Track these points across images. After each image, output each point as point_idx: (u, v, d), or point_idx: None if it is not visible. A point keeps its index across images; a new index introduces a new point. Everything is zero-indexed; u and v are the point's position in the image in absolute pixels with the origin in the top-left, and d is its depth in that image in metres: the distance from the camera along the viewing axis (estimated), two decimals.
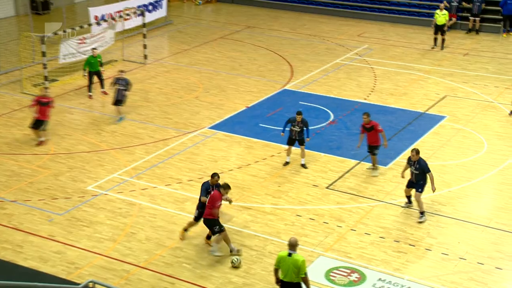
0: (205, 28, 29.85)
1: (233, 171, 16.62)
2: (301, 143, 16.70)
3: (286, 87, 22.58)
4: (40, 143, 17.87)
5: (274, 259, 11.11)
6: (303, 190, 15.70)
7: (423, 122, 19.74)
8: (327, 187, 15.90)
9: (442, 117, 20.00)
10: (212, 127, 19.29)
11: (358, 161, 17.12)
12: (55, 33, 22.19)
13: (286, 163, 16.87)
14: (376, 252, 13.27)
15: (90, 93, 21.34)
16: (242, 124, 19.57)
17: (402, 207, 14.81)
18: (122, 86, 19.41)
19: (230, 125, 19.39)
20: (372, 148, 16.32)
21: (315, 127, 19.08)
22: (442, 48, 26.49)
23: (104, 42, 23.66)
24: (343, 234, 13.92)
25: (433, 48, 26.66)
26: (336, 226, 14.21)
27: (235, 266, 12.70)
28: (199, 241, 13.54)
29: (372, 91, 22.21)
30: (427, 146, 18.03)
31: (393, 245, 13.54)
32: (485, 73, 23.89)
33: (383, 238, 13.80)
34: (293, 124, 16.51)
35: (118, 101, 19.45)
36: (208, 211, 12.71)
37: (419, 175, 14.11)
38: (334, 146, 18.11)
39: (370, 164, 16.58)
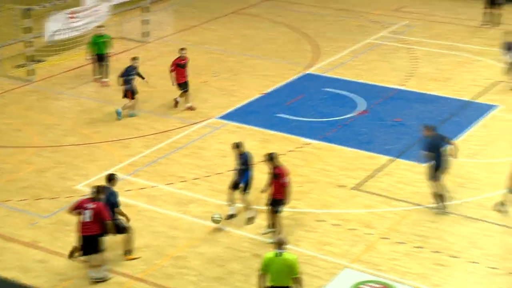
0: (216, 1, 29.92)
1: None
2: (236, 186, 14.49)
3: (309, 71, 22.60)
4: (190, 108, 19.69)
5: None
6: (327, 191, 15.74)
7: (470, 112, 19.64)
8: (354, 188, 15.93)
9: (492, 107, 19.88)
10: (221, 117, 19.38)
11: (393, 158, 17.11)
12: (42, 5, 22.39)
13: (231, 216, 14.64)
14: (411, 265, 13.28)
15: (97, 77, 21.45)
16: (257, 113, 19.65)
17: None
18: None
19: (243, 115, 19.48)
20: (276, 203, 13.75)
21: (341, 118, 19.06)
22: (496, 24, 26.24)
23: (98, 17, 23.82)
24: (373, 243, 13.93)
25: (485, 24, 26.43)
26: (365, 234, 14.22)
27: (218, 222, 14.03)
28: (205, 249, 13.68)
29: (410, 76, 22.13)
30: (474, 140, 17.95)
31: (432, 256, 13.54)
32: None
33: (420, 248, 13.79)
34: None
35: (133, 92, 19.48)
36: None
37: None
38: (364, 140, 18.10)
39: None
